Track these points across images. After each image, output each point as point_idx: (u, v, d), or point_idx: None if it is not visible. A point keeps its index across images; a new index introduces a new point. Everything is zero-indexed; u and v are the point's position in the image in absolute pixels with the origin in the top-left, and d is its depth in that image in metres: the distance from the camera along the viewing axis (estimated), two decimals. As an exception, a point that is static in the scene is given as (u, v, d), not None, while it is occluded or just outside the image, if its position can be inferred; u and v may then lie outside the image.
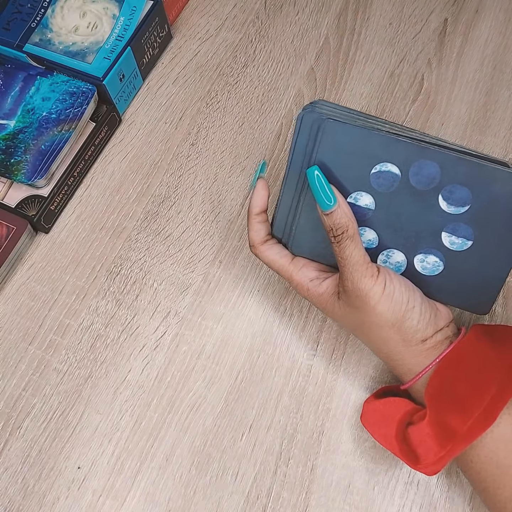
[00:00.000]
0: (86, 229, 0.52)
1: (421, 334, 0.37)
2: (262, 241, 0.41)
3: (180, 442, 0.44)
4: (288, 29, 0.60)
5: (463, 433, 0.34)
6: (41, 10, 0.55)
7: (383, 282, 0.36)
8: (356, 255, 0.36)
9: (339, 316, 0.39)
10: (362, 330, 0.39)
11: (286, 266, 0.40)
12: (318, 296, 0.40)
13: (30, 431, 0.44)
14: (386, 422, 0.39)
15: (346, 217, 0.36)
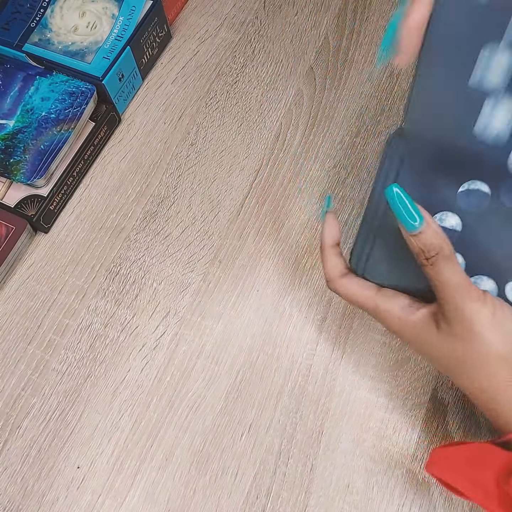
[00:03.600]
0: (86, 229, 0.52)
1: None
2: (341, 274, 0.37)
3: (179, 442, 0.44)
4: (287, 29, 0.60)
5: None
6: (41, 10, 0.55)
7: (492, 307, 0.32)
8: (456, 276, 0.32)
9: (436, 349, 0.34)
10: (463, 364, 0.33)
11: (372, 297, 0.36)
12: (411, 326, 0.35)
13: (30, 431, 0.44)
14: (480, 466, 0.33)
15: (437, 236, 0.32)
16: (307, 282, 0.49)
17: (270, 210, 0.51)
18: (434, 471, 0.35)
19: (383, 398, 0.44)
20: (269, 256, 0.50)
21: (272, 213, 0.51)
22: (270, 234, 0.51)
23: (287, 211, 0.51)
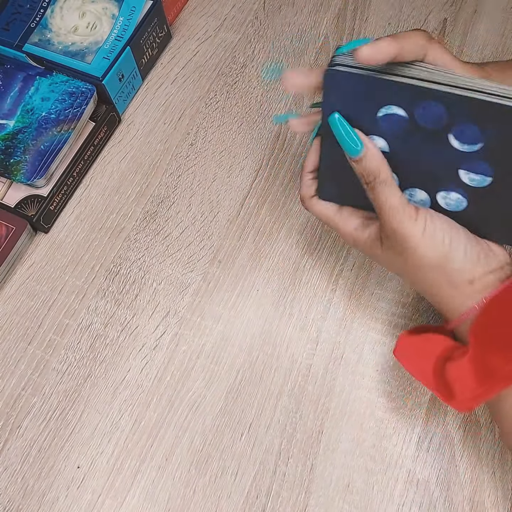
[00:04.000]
0: (85, 229, 0.52)
1: (468, 275, 0.36)
2: (311, 195, 0.42)
3: (179, 442, 0.44)
4: (287, 29, 0.60)
5: (503, 373, 0.34)
6: (41, 11, 0.55)
7: (422, 223, 0.36)
8: (392, 199, 0.35)
9: (384, 261, 0.40)
10: (407, 274, 0.39)
11: (332, 217, 0.41)
12: (363, 244, 0.40)
13: (30, 431, 0.44)
14: (424, 356, 0.38)
15: (376, 161, 0.35)
16: (307, 282, 0.49)
17: (270, 210, 0.52)
18: (397, 356, 0.40)
19: (383, 398, 0.44)
20: (269, 256, 0.50)
21: (272, 213, 0.51)
22: (270, 234, 0.51)
23: (287, 211, 0.51)
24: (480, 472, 0.42)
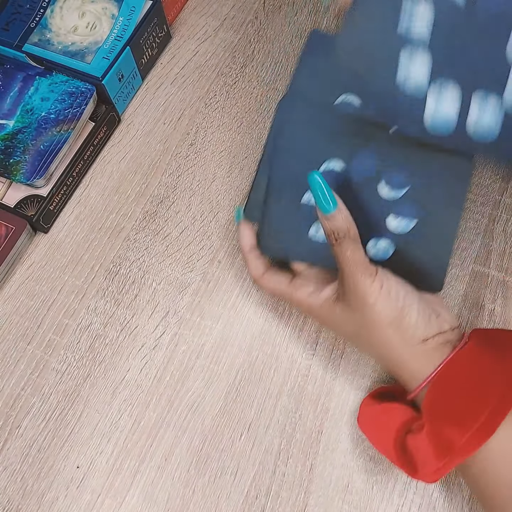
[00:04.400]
0: (85, 229, 0.52)
1: (420, 333, 0.37)
2: (261, 273, 0.43)
3: (179, 442, 0.44)
4: (287, 29, 0.60)
5: (460, 445, 0.34)
6: (40, 10, 0.55)
7: (381, 280, 0.37)
8: (357, 255, 0.37)
9: (340, 323, 0.40)
10: (362, 334, 0.39)
11: (285, 289, 0.42)
12: (318, 308, 0.40)
13: (29, 431, 0.44)
14: (384, 429, 0.39)
15: (347, 220, 0.37)
16: (307, 282, 0.49)
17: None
18: (361, 426, 0.41)
19: (383, 398, 0.44)
20: (268, 256, 0.50)
21: (271, 213, 0.51)
22: (270, 234, 0.51)
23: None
24: (480, 472, 0.42)
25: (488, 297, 0.47)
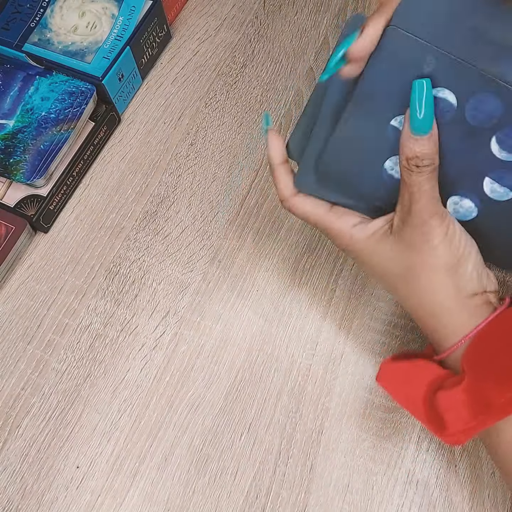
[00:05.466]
0: (85, 228, 0.52)
1: (472, 286, 0.35)
2: (293, 192, 0.37)
3: (179, 442, 0.44)
4: (287, 29, 0.60)
5: (499, 405, 0.32)
6: (40, 10, 0.55)
7: (448, 224, 0.34)
8: (435, 192, 0.34)
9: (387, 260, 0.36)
10: (409, 276, 0.36)
11: (324, 216, 0.37)
12: (365, 240, 0.36)
13: (29, 430, 0.44)
14: (412, 384, 0.36)
15: (436, 148, 0.33)
16: (307, 282, 0.49)
17: (269, 210, 0.51)
18: (382, 383, 0.38)
19: (383, 398, 0.44)
20: (269, 256, 0.50)
21: (271, 213, 0.51)
22: (270, 234, 0.51)
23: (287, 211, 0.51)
24: (480, 472, 0.42)
25: (488, 297, 0.47)
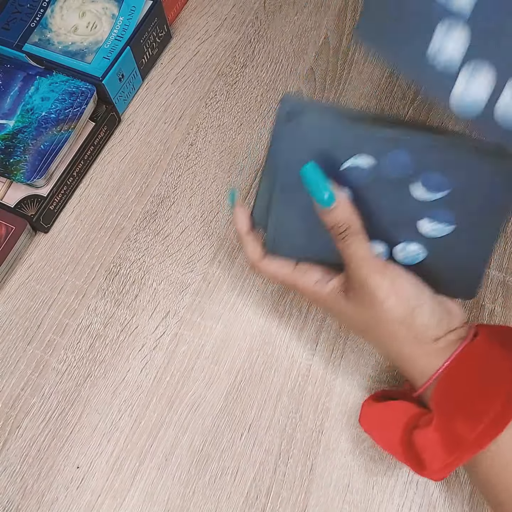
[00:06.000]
0: (85, 229, 0.52)
1: (432, 332, 0.36)
2: (260, 257, 0.40)
3: (179, 442, 0.44)
4: (287, 29, 0.60)
5: (471, 440, 0.33)
6: (41, 10, 0.55)
7: (391, 277, 0.35)
8: (362, 250, 0.35)
9: (347, 316, 0.38)
10: (371, 329, 0.38)
11: (290, 274, 0.40)
12: (324, 298, 0.39)
13: (29, 431, 0.44)
14: (389, 426, 0.38)
15: (349, 212, 0.35)
16: (307, 282, 0.49)
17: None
18: (363, 425, 0.39)
19: (383, 398, 0.44)
20: (269, 256, 0.50)
21: (272, 213, 0.51)
22: (270, 234, 0.51)
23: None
24: (480, 473, 0.42)
25: (488, 297, 0.47)
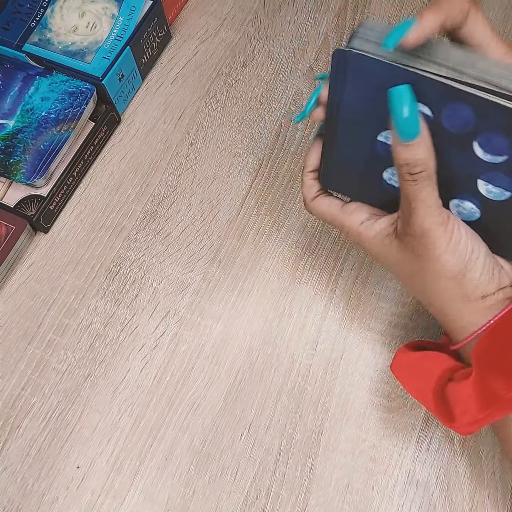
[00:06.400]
0: (85, 228, 0.52)
1: (482, 289, 0.35)
2: (313, 196, 0.40)
3: (179, 442, 0.44)
4: (287, 28, 0.60)
5: (506, 399, 0.33)
6: (41, 10, 0.55)
7: (451, 230, 0.34)
8: (432, 198, 0.33)
9: (394, 261, 0.37)
10: (418, 279, 0.36)
11: (336, 215, 0.39)
12: (371, 239, 0.37)
13: (29, 431, 0.44)
14: (423, 375, 0.37)
15: (428, 151, 0.32)
16: (307, 282, 0.49)
17: (270, 210, 0.51)
18: (395, 372, 0.39)
19: (383, 398, 0.44)
20: (269, 256, 0.50)
21: (272, 213, 0.51)
22: (270, 234, 0.51)
23: (287, 211, 0.51)
24: (480, 472, 0.42)
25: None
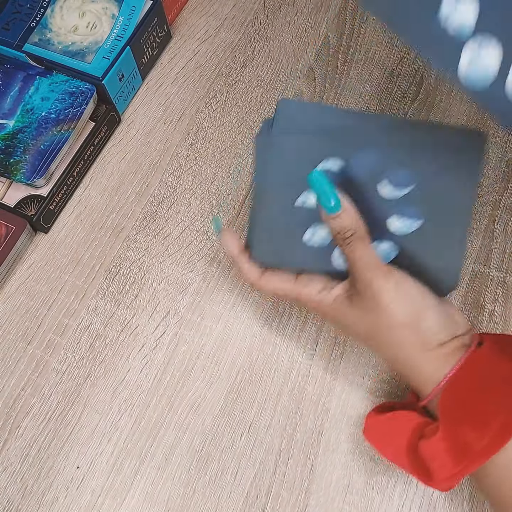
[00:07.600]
0: (85, 228, 0.52)
1: (438, 337, 0.36)
2: (259, 275, 0.40)
3: (179, 442, 0.44)
4: (287, 29, 0.60)
5: (479, 449, 0.33)
6: (41, 10, 0.55)
7: (395, 281, 0.36)
8: (367, 255, 0.36)
9: (351, 322, 0.38)
10: (376, 335, 0.37)
11: (291, 288, 0.39)
12: (329, 306, 0.39)
13: (29, 431, 0.44)
14: (394, 437, 0.37)
15: (354, 218, 0.36)
16: (307, 282, 0.49)
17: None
18: (368, 438, 0.39)
19: (383, 398, 0.44)
20: (269, 256, 0.50)
21: (272, 213, 0.51)
22: (270, 234, 0.50)
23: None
24: (480, 473, 0.42)
25: (488, 297, 0.47)
